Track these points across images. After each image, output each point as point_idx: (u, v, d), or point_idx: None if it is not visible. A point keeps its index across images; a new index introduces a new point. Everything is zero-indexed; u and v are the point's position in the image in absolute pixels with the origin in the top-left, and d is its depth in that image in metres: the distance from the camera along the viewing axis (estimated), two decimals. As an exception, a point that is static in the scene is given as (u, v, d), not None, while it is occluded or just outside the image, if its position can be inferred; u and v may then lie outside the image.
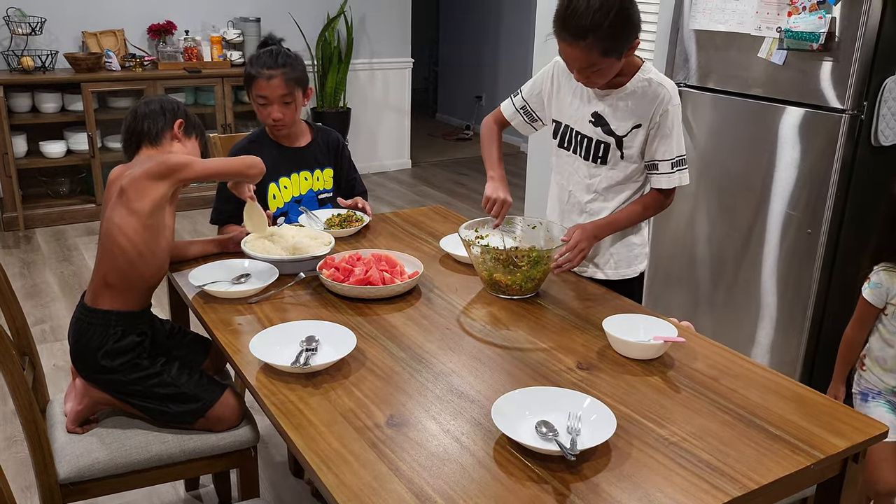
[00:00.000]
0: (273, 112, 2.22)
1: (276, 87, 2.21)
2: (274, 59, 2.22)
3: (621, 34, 1.69)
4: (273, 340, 1.53)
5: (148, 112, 1.84)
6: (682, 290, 3.09)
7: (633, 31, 1.72)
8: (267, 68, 2.20)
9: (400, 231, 2.28)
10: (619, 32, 1.68)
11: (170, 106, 1.88)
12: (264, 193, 2.29)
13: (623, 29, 1.69)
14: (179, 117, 1.87)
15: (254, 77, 2.20)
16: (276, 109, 2.23)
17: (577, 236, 1.83)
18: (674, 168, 1.88)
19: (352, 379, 1.44)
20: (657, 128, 1.86)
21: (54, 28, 4.68)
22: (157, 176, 1.66)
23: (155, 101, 1.88)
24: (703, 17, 2.81)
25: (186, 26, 5.04)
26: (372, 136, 6.03)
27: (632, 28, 1.72)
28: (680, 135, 1.88)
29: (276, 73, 2.20)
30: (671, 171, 1.89)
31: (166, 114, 1.85)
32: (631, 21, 1.70)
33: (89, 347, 1.69)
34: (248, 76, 2.23)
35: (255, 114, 2.34)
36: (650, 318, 1.64)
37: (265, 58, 2.22)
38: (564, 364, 1.52)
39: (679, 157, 1.88)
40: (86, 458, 1.68)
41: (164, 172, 1.66)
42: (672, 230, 3.10)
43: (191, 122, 1.90)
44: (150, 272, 1.72)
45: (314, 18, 5.47)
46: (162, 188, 1.67)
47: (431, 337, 1.62)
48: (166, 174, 1.66)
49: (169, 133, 1.84)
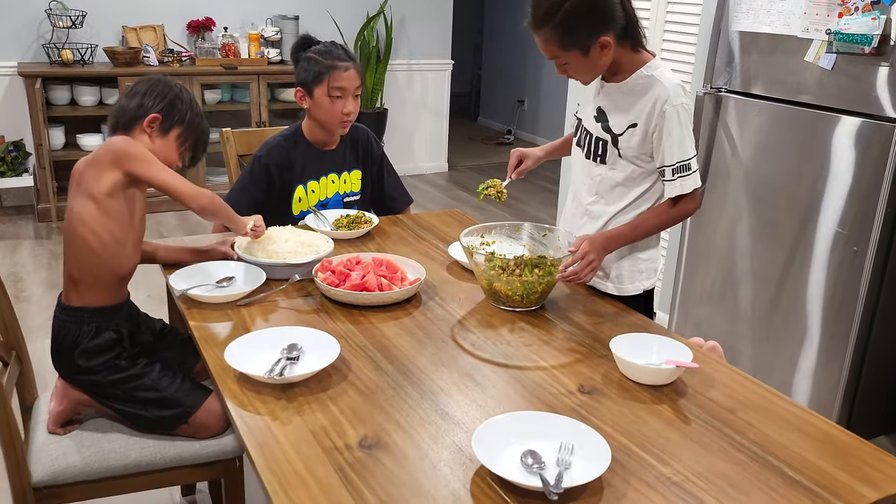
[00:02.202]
0: (347, 104, 2.16)
1: (353, 77, 2.16)
2: (343, 51, 2.17)
3: (578, 27, 1.61)
4: (254, 346, 1.43)
5: (132, 94, 1.70)
6: (718, 308, 2.92)
7: (595, 25, 1.62)
8: (342, 60, 2.14)
9: (410, 235, 2.17)
10: (575, 25, 1.60)
11: (157, 93, 1.69)
12: (290, 197, 2.22)
13: (581, 22, 1.60)
14: (156, 111, 1.67)
15: (331, 69, 2.12)
16: (350, 102, 2.16)
17: (584, 247, 1.68)
18: (675, 175, 1.73)
19: (330, 392, 1.34)
20: (658, 130, 1.72)
21: (95, 22, 4.71)
22: (108, 162, 1.58)
23: (144, 84, 1.72)
24: (747, 17, 2.64)
25: (225, 23, 5.02)
26: (408, 137, 5.95)
27: (593, 22, 1.62)
28: (683, 137, 1.71)
29: (351, 65, 2.15)
30: (672, 177, 1.73)
31: (145, 102, 1.69)
32: (591, 14, 1.61)
33: (65, 346, 1.63)
34: (319, 71, 2.12)
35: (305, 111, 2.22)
36: (664, 339, 1.49)
37: (335, 50, 2.16)
38: (565, 386, 1.39)
39: (680, 162, 1.72)
40: (61, 462, 1.60)
41: (114, 159, 1.58)
42: (707, 242, 2.93)
43: (173, 119, 1.69)
44: (118, 262, 1.64)
45: (353, 17, 5.40)
46: (115, 174, 1.58)
47: (424, 350, 1.50)
48: (116, 161, 1.58)
49: (139, 125, 1.68)
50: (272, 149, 2.19)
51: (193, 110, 1.73)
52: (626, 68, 1.73)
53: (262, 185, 2.17)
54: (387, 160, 2.39)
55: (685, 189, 1.72)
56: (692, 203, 1.76)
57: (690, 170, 1.72)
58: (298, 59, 2.16)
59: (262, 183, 2.17)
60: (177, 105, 1.69)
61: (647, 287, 1.87)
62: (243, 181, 2.19)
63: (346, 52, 2.17)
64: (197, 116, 1.74)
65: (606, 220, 1.83)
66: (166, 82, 1.72)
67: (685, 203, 1.75)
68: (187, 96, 1.74)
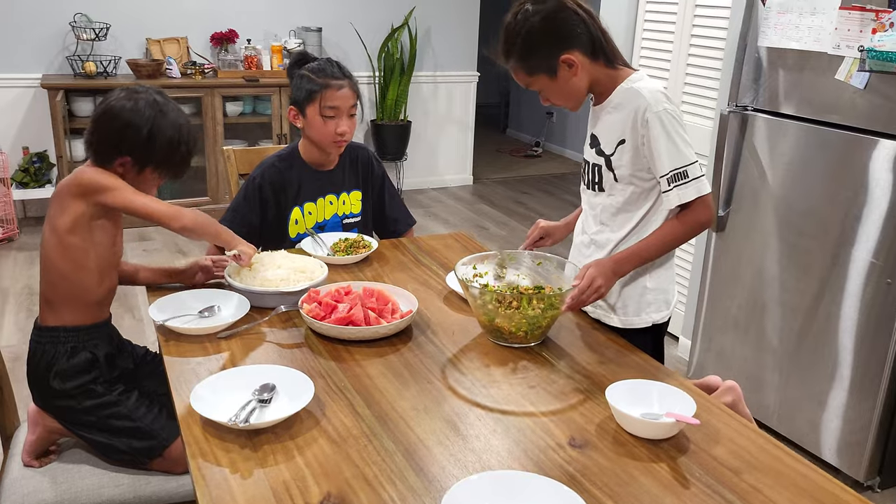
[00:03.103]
0: (340, 124, 2.08)
1: (347, 97, 2.08)
2: (339, 68, 2.10)
3: (538, 50, 1.60)
4: (224, 387, 1.34)
5: (94, 129, 1.56)
6: (742, 336, 2.77)
7: (554, 44, 1.60)
8: (335, 78, 2.06)
9: (410, 260, 2.07)
10: (534, 49, 1.60)
11: (136, 124, 1.53)
12: (286, 219, 2.14)
13: (539, 44, 1.59)
14: (125, 154, 1.54)
15: (323, 87, 2.04)
16: (344, 122, 2.08)
17: (592, 272, 1.58)
18: (670, 184, 1.61)
19: (299, 441, 1.24)
20: (647, 141, 1.62)
21: (119, 34, 4.72)
22: (75, 193, 1.53)
23: (105, 116, 1.56)
24: (775, 33, 2.50)
25: (248, 35, 5.01)
26: (433, 150, 5.86)
27: (551, 42, 1.59)
28: (672, 144, 1.60)
29: (345, 83, 2.07)
30: (668, 187, 1.62)
31: (124, 140, 1.54)
32: (548, 35, 1.59)
33: (40, 368, 1.58)
34: (311, 89, 2.05)
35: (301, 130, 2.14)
36: (666, 388, 1.37)
37: (329, 68, 2.08)
38: (554, 438, 1.28)
39: (674, 170, 1.60)
40: (32, 498, 1.54)
41: (80, 192, 1.53)
42: (732, 267, 2.78)
43: (145, 159, 1.57)
44: (89, 285, 1.59)
45: (377, 29, 5.35)
46: (80, 207, 1.53)
47: (407, 392, 1.40)
48: (82, 194, 1.53)
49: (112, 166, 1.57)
50: (266, 169, 2.11)
51: (163, 138, 1.57)
52: (607, 87, 1.68)
53: (256, 206, 2.10)
54: (388, 181, 2.31)
55: (683, 198, 1.61)
56: (703, 212, 1.63)
57: (688, 177, 1.60)
58: (293, 76, 2.09)
59: (256, 204, 2.10)
60: (147, 142, 1.55)
61: (656, 320, 1.74)
62: (237, 201, 2.12)
63: (342, 69, 2.09)
64: (168, 142, 1.58)
65: (612, 248, 1.73)
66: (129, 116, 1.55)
67: (694, 213, 1.63)
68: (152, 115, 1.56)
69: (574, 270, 1.65)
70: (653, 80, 1.68)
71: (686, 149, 1.61)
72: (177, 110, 1.63)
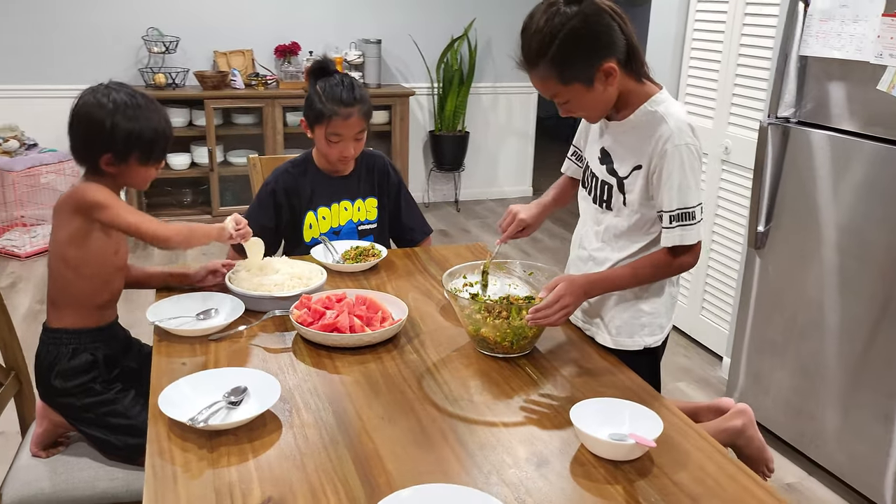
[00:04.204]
0: (346, 149, 2.09)
1: (353, 125, 2.07)
2: (350, 92, 2.06)
3: (577, 57, 1.46)
4: (197, 388, 1.38)
5: (76, 123, 1.59)
6: (781, 360, 2.64)
7: (595, 50, 1.47)
8: (345, 105, 2.04)
9: (418, 269, 2.07)
10: (573, 55, 1.45)
11: (89, 130, 1.57)
12: (300, 223, 2.18)
13: (579, 50, 1.45)
14: (104, 151, 1.57)
15: (329, 115, 2.04)
16: (349, 146, 2.09)
17: (560, 289, 1.52)
18: (672, 222, 1.54)
19: (257, 444, 1.26)
20: (659, 170, 1.54)
21: (188, 47, 4.93)
22: (72, 208, 1.58)
23: (75, 119, 1.58)
24: (816, 41, 2.38)
25: (311, 47, 5.13)
26: (492, 161, 5.86)
27: (593, 48, 1.46)
28: (686, 182, 1.52)
29: (353, 111, 2.05)
30: (670, 225, 1.54)
31: (94, 138, 1.58)
32: (589, 40, 1.46)
33: (44, 367, 1.65)
34: (318, 112, 2.06)
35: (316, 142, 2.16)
36: (638, 408, 1.32)
37: (341, 92, 2.05)
38: (513, 454, 1.25)
39: (681, 209, 1.53)
40: (32, 487, 1.61)
41: (78, 207, 1.58)
42: (771, 286, 2.66)
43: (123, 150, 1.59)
44: (93, 291, 1.66)
45: (436, 40, 5.39)
46: (77, 222, 1.59)
47: (378, 402, 1.40)
48: (80, 209, 1.58)
49: (99, 168, 1.61)
50: (280, 174, 2.16)
51: (134, 124, 1.58)
52: (629, 103, 1.57)
53: (270, 210, 2.15)
54: (405, 189, 2.31)
55: (685, 241, 1.54)
56: (694, 258, 1.57)
57: (693, 219, 1.53)
58: (311, 84, 2.11)
59: (270, 209, 2.15)
60: (115, 132, 1.58)
61: (649, 344, 1.67)
62: (252, 206, 2.18)
63: (354, 93, 2.06)
64: (138, 126, 1.59)
65: (611, 267, 1.67)
66: (88, 110, 1.59)
67: (686, 257, 1.57)
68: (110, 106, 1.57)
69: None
70: (677, 105, 1.57)
71: (698, 190, 1.54)
72: (137, 95, 1.63)
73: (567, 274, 1.63)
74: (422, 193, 5.67)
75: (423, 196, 5.67)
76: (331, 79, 2.08)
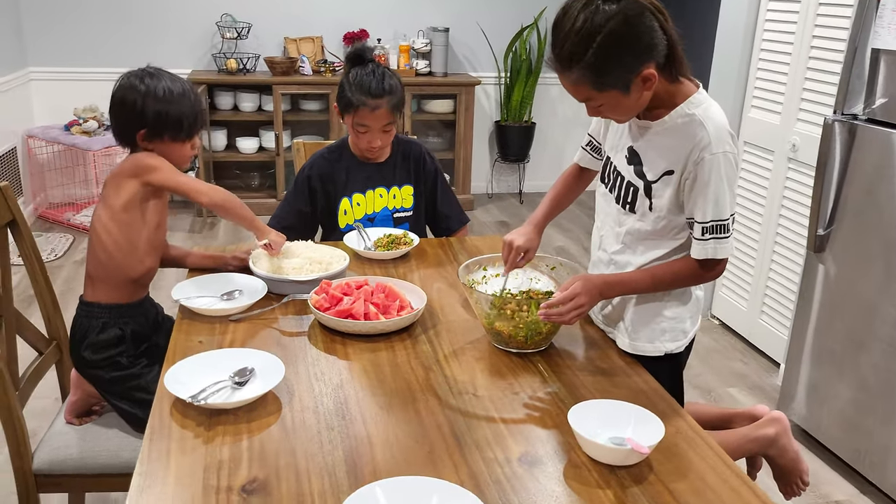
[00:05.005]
0: (373, 140, 2.10)
1: (381, 117, 2.07)
2: (380, 83, 2.05)
3: (616, 63, 1.34)
4: (206, 367, 1.40)
5: (113, 104, 1.68)
6: (838, 371, 2.49)
7: (636, 56, 1.35)
8: (373, 97, 2.04)
9: (449, 259, 2.05)
10: (612, 61, 1.33)
11: (123, 109, 1.66)
12: (335, 210, 2.20)
13: (617, 57, 1.33)
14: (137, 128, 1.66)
15: (356, 105, 2.05)
16: (377, 137, 2.10)
17: (576, 287, 1.46)
18: (705, 234, 1.45)
19: (253, 425, 1.27)
20: (693, 179, 1.45)
21: (260, 33, 5.04)
22: (128, 173, 1.67)
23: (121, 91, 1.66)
24: (888, 33, 2.23)
25: (379, 34, 5.17)
26: (559, 153, 5.76)
27: (633, 53, 1.35)
28: (722, 192, 1.43)
29: (381, 103, 2.05)
30: (702, 237, 1.46)
31: (122, 123, 1.68)
32: (630, 45, 1.34)
33: (76, 339, 1.72)
34: (347, 101, 2.07)
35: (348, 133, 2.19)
36: (645, 413, 1.26)
37: (370, 83, 2.05)
38: (506, 451, 1.22)
39: (716, 221, 1.44)
40: (61, 452, 1.68)
41: (133, 171, 1.67)
42: (832, 293, 2.52)
43: (156, 126, 1.66)
44: (130, 265, 1.71)
45: (505, 29, 5.33)
46: (132, 186, 1.66)
47: (381, 390, 1.40)
48: (135, 173, 1.67)
49: (137, 144, 1.70)
50: (316, 160, 2.18)
51: (163, 105, 1.65)
52: (663, 103, 1.47)
53: (305, 196, 2.17)
54: (442, 177, 2.29)
55: (718, 254, 1.46)
56: (720, 271, 1.50)
57: (727, 232, 1.45)
58: (346, 72, 2.12)
59: (305, 194, 2.17)
60: (146, 110, 1.65)
61: (670, 350, 1.60)
62: (289, 191, 2.21)
63: (384, 84, 2.04)
64: (166, 107, 1.66)
65: (620, 273, 1.59)
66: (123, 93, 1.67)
67: (715, 270, 1.49)
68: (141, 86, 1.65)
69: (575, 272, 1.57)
70: (716, 108, 1.46)
71: (733, 201, 1.46)
72: (168, 76, 1.70)
73: (585, 273, 1.57)
74: (485, 184, 5.64)
75: (486, 186, 5.64)
76: (364, 68, 2.08)
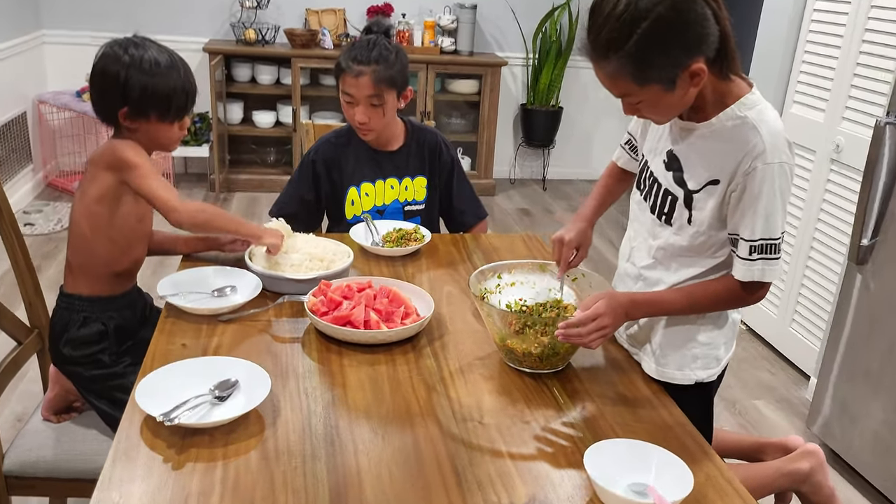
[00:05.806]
0: (357, 113, 1.95)
1: (363, 85, 1.92)
2: (367, 51, 1.92)
3: (661, 54, 1.17)
4: (184, 377, 1.26)
5: (93, 76, 1.52)
6: (874, 391, 2.33)
7: (684, 48, 1.18)
8: (357, 63, 1.91)
9: (462, 259, 1.90)
10: (656, 52, 1.16)
11: (104, 83, 1.49)
12: (342, 199, 2.06)
13: (664, 46, 1.16)
14: (121, 103, 1.49)
15: (342, 70, 1.94)
16: (360, 111, 1.95)
17: (599, 307, 1.29)
18: (753, 254, 1.28)
19: (230, 449, 1.14)
20: (742, 190, 1.27)
21: (281, 3, 4.86)
22: (106, 165, 1.51)
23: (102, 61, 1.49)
24: (956, 29, 2.03)
25: (404, 9, 4.97)
26: (587, 140, 5.56)
27: (681, 45, 1.17)
28: (776, 209, 1.27)
29: (365, 70, 1.91)
30: (749, 257, 1.29)
31: (104, 98, 1.51)
32: (678, 34, 1.16)
33: (55, 333, 1.60)
34: (337, 67, 1.96)
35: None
36: (669, 456, 1.11)
37: (358, 49, 1.93)
38: (512, 495, 1.08)
39: (765, 240, 1.27)
40: (33, 454, 1.57)
41: (111, 163, 1.51)
42: (871, 309, 2.34)
43: (140, 103, 1.51)
44: (111, 257, 1.58)
45: (535, 9, 5.12)
46: (109, 179, 1.51)
47: (377, 410, 1.26)
48: (112, 166, 1.51)
49: (120, 124, 1.54)
50: (322, 144, 2.04)
51: (148, 78, 1.49)
52: (711, 102, 1.30)
53: (309, 182, 2.03)
54: (459, 168, 2.14)
55: (766, 277, 1.29)
56: (762, 292, 1.33)
57: (777, 253, 1.29)
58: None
59: (309, 181, 2.03)
60: (129, 83, 1.49)
61: (701, 378, 1.44)
62: (293, 176, 2.07)
63: (370, 53, 1.90)
64: (153, 80, 1.50)
65: (652, 291, 1.43)
66: (104, 63, 1.50)
67: (759, 294, 1.33)
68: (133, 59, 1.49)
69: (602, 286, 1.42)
70: (772, 111, 1.29)
71: (784, 219, 1.29)
72: (156, 47, 1.54)
73: (610, 290, 1.42)
74: (508, 168, 5.46)
75: (509, 171, 5.46)
76: (363, 39, 1.96)
